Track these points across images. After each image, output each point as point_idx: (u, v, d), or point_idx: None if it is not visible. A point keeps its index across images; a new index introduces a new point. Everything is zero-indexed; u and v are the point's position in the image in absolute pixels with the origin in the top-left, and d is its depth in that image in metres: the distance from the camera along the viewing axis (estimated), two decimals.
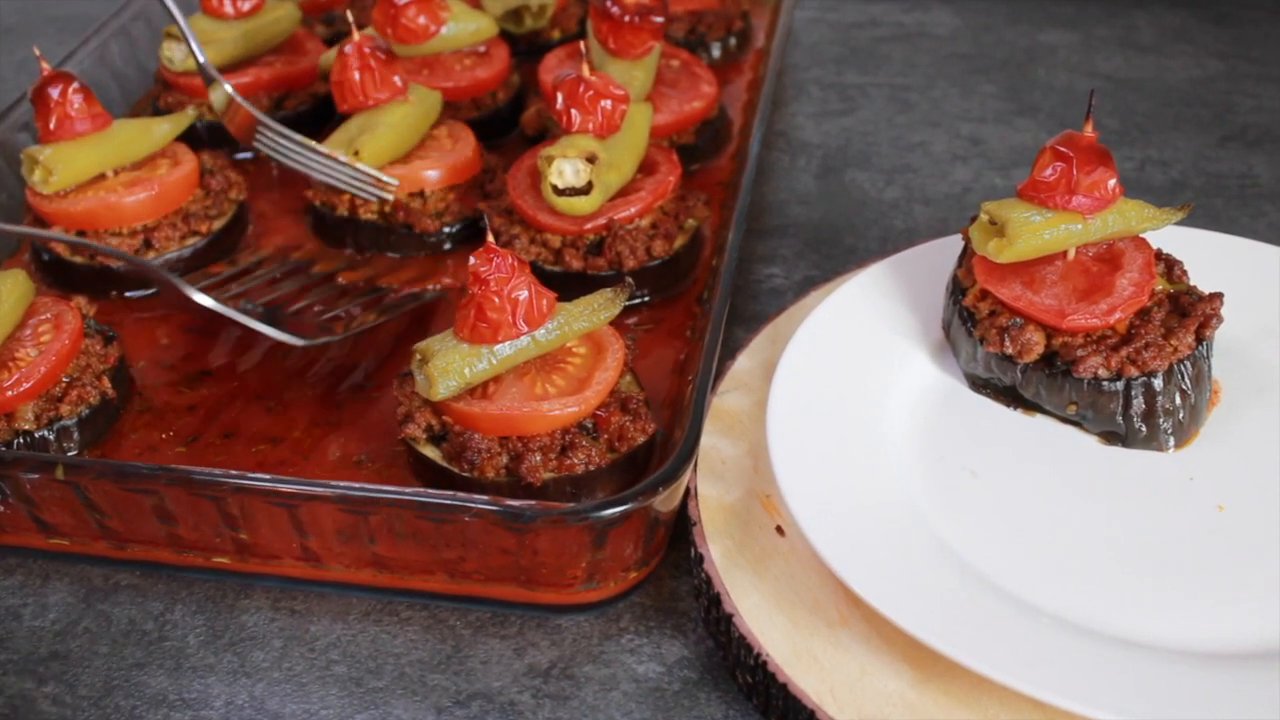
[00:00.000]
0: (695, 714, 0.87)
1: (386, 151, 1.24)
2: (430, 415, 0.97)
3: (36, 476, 0.91)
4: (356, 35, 1.26)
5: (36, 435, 1.01)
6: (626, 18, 1.30)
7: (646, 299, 1.18)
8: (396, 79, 1.26)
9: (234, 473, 0.89)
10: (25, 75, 1.73)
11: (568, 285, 1.11)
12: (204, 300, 1.06)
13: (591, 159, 1.14)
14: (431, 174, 1.25)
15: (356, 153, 1.21)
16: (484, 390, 0.96)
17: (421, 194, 1.25)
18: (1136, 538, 0.89)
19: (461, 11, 1.42)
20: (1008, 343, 0.97)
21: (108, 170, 1.23)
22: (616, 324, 1.01)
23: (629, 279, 1.02)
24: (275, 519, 0.90)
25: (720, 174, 1.37)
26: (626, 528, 0.87)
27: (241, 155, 1.43)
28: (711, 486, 0.95)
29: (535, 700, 0.88)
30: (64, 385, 1.04)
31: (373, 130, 1.23)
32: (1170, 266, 1.01)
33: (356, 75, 1.25)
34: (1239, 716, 0.74)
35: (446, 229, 1.25)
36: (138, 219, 1.22)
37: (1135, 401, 0.94)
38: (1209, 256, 1.05)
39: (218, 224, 1.26)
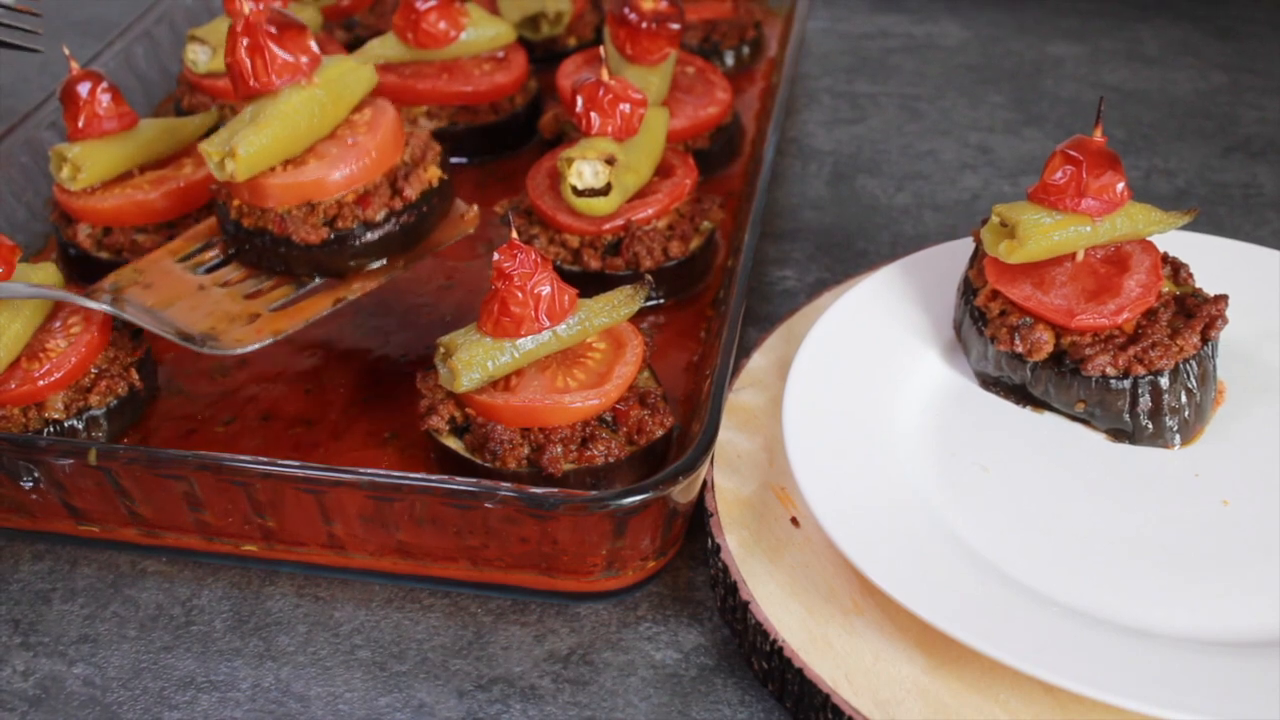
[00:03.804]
0: (711, 699, 0.89)
1: (271, 150, 1.04)
2: (453, 407, 0.99)
3: (70, 462, 0.93)
4: (247, 7, 1.04)
5: (66, 424, 1.04)
6: (644, 24, 1.32)
7: (661, 300, 1.21)
8: (302, 57, 1.04)
9: (262, 459, 0.91)
10: (48, 76, 1.76)
11: (586, 285, 1.12)
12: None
13: (610, 161, 1.16)
14: (334, 176, 1.06)
15: (234, 153, 1.02)
16: (506, 383, 0.98)
17: (309, 202, 1.07)
18: (1143, 531, 0.91)
19: (480, 18, 1.45)
20: (1018, 341, 0.99)
21: (134, 168, 1.26)
22: (632, 324, 1.04)
23: (648, 276, 1.04)
24: (302, 505, 0.92)
25: (734, 180, 1.39)
26: (646, 517, 0.89)
27: None
28: (728, 479, 0.98)
29: (555, 685, 0.90)
30: (93, 376, 1.06)
31: (256, 123, 1.03)
32: (1176, 269, 1.03)
33: (245, 58, 1.03)
34: (1240, 699, 0.76)
35: (333, 235, 1.07)
36: (163, 216, 1.25)
37: (1142, 399, 0.97)
38: (1214, 261, 1.08)
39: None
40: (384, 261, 1.10)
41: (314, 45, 1.06)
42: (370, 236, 1.08)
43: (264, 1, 1.06)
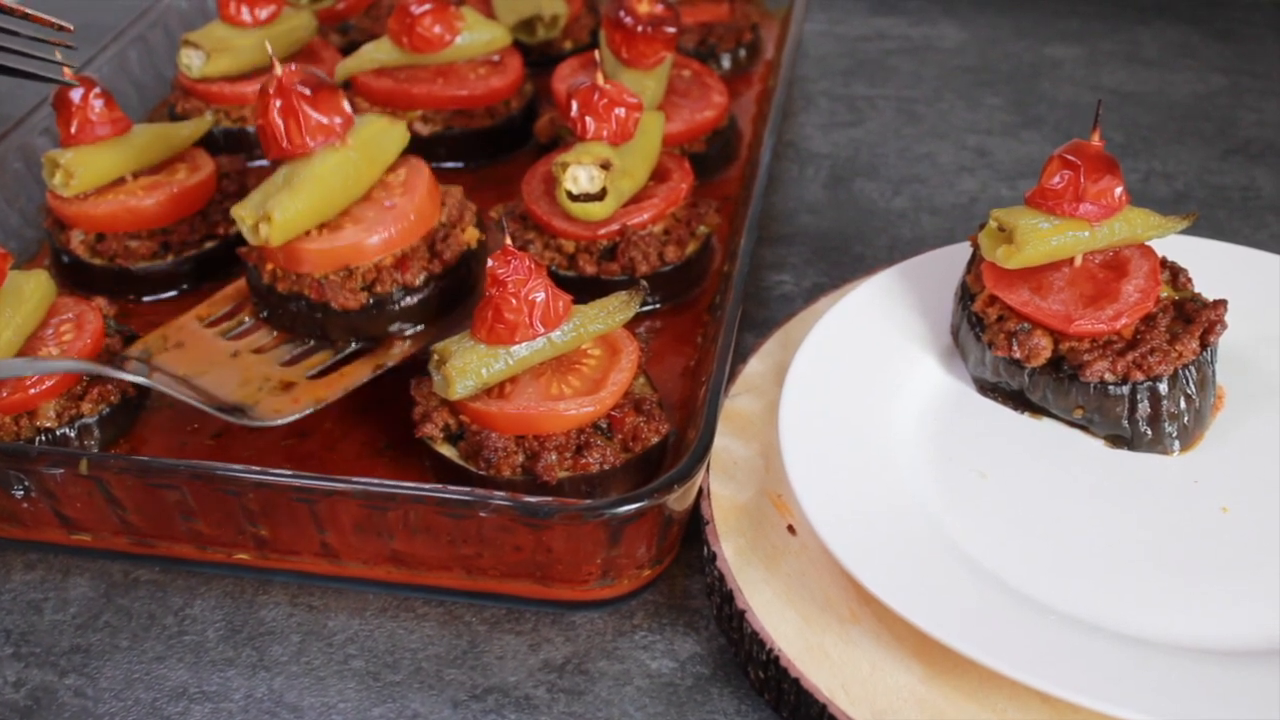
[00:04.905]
0: (708, 709, 0.88)
1: (306, 215, 1.03)
2: (447, 415, 0.98)
3: (61, 471, 0.92)
4: (279, 69, 1.04)
5: (58, 433, 1.03)
6: (640, 28, 1.32)
7: (657, 305, 1.20)
8: (336, 118, 1.05)
9: (255, 468, 0.90)
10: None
11: (581, 290, 1.12)
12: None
13: (606, 165, 1.15)
14: (372, 240, 1.05)
15: (269, 218, 1.02)
16: (501, 390, 0.98)
17: (346, 267, 1.06)
18: (1142, 538, 0.91)
19: (476, 21, 1.44)
20: (1016, 347, 0.98)
21: (127, 174, 1.25)
22: (627, 330, 1.03)
23: (644, 282, 1.04)
24: (295, 514, 0.91)
25: (730, 184, 1.39)
26: (641, 525, 0.88)
27: (258, 162, 1.44)
28: (724, 486, 0.97)
29: (550, 694, 0.89)
30: (85, 384, 1.06)
31: (291, 187, 1.03)
32: (1175, 274, 1.02)
33: (279, 120, 1.04)
34: (1239, 708, 0.76)
35: (372, 300, 1.06)
36: (156, 222, 1.24)
37: (1141, 405, 0.96)
38: (1213, 265, 1.07)
39: (235, 227, 1.28)
40: (422, 326, 1.09)
41: (347, 106, 1.06)
42: (409, 301, 1.07)
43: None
